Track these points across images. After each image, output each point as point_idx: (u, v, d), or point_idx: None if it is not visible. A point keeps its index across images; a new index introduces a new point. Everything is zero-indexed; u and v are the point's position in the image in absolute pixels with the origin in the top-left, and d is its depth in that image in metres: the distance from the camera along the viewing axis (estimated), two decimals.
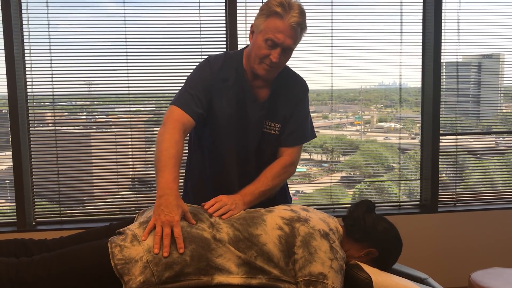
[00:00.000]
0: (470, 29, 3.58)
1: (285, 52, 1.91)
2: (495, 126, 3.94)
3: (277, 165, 2.04)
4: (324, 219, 1.83)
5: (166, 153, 1.80)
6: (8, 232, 3.18)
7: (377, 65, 3.55)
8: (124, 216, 3.36)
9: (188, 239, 1.64)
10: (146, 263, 1.59)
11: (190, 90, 1.98)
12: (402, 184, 3.81)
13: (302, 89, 2.14)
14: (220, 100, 2.01)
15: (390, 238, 1.87)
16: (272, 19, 1.86)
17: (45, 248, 1.81)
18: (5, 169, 3.45)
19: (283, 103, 2.07)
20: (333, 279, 1.65)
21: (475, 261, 3.57)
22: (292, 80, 2.12)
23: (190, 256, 1.62)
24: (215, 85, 2.00)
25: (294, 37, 1.89)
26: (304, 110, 2.13)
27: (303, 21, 1.89)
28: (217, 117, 2.02)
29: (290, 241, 1.70)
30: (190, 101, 1.95)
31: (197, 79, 2.02)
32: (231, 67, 2.03)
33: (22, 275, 1.57)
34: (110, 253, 1.59)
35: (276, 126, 2.07)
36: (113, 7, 3.30)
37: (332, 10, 3.42)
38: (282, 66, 1.99)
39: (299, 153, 2.14)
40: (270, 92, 2.05)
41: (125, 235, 1.65)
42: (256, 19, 1.93)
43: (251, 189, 1.94)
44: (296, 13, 1.85)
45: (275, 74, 2.01)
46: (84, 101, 3.52)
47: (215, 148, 2.09)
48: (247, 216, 1.80)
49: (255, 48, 1.93)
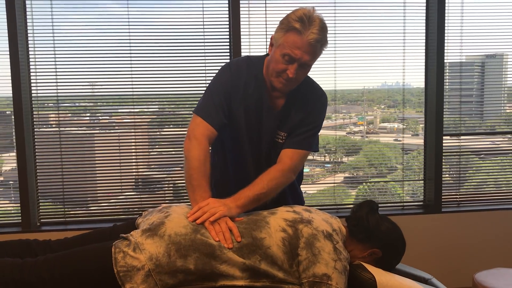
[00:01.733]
0: (473, 29, 3.57)
1: (302, 67, 1.90)
2: (499, 126, 3.93)
3: (274, 169, 1.98)
4: (327, 219, 1.82)
5: (198, 171, 1.88)
6: (13, 232, 3.19)
7: (380, 66, 3.54)
8: (127, 217, 3.37)
9: (192, 247, 1.63)
10: (148, 272, 1.58)
11: (213, 98, 2.00)
12: (406, 184, 3.81)
13: (317, 102, 2.09)
14: (238, 107, 2.01)
15: (394, 238, 1.87)
16: (290, 34, 1.84)
17: (49, 249, 1.82)
18: (10, 170, 3.46)
19: (295, 114, 2.05)
20: (337, 280, 1.65)
21: (479, 261, 3.57)
22: (310, 91, 2.08)
23: (194, 265, 1.61)
24: (234, 91, 2.01)
25: (312, 53, 1.87)
26: (314, 121, 2.07)
27: (323, 37, 1.86)
28: (234, 123, 2.03)
29: (294, 243, 1.70)
30: (213, 111, 1.97)
31: (219, 85, 2.02)
32: (251, 74, 2.02)
33: (26, 276, 1.58)
34: (113, 258, 1.59)
35: (282, 135, 2.06)
36: (117, 9, 3.31)
37: (335, 11, 3.42)
38: (300, 80, 1.97)
39: (300, 159, 2.05)
40: (285, 102, 2.04)
41: (128, 242, 1.65)
42: (276, 33, 1.92)
43: (246, 192, 1.88)
44: (315, 30, 1.82)
45: (293, 87, 1.99)
46: (88, 102, 3.53)
47: (235, 149, 2.10)
48: (249, 219, 1.78)
49: (273, 61, 1.92)
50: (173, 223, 1.70)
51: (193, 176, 1.88)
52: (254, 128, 2.05)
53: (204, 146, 1.92)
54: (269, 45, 1.98)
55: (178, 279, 1.60)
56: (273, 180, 1.94)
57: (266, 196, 1.91)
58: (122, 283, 1.57)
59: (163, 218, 1.74)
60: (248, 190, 1.88)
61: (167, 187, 3.62)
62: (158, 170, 3.60)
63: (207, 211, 1.75)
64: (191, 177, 1.88)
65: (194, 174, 1.88)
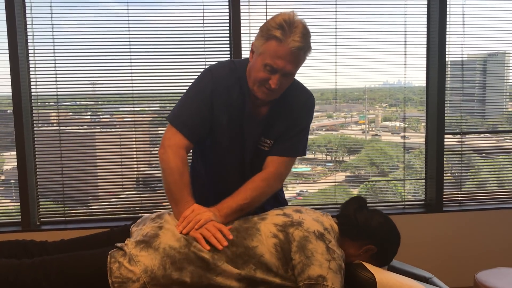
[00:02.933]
0: (475, 27, 3.56)
1: (285, 76, 1.80)
2: (501, 125, 3.91)
3: (258, 178, 1.90)
4: (318, 218, 1.79)
5: (177, 184, 1.82)
6: (12, 232, 3.19)
7: (381, 64, 3.52)
8: (128, 216, 3.37)
9: (187, 260, 1.62)
10: (143, 285, 1.58)
11: (190, 104, 1.91)
12: (407, 183, 3.79)
13: (303, 107, 1.99)
14: (220, 114, 1.92)
15: (386, 232, 1.85)
16: (271, 43, 1.73)
17: (45, 251, 1.81)
18: (10, 169, 3.46)
19: (281, 121, 1.96)
20: (332, 280, 1.64)
21: (480, 260, 3.55)
22: (295, 96, 1.97)
23: (190, 278, 1.60)
24: (216, 97, 1.90)
25: (296, 61, 1.77)
26: (300, 126, 1.99)
27: (306, 44, 1.75)
28: (216, 130, 1.95)
29: (286, 248, 1.68)
30: (189, 120, 1.88)
31: (198, 91, 1.92)
32: (235, 79, 1.92)
33: (21, 278, 1.58)
34: (108, 268, 1.59)
35: (269, 143, 1.98)
36: (116, 7, 3.30)
37: (336, 9, 3.41)
38: (283, 89, 1.86)
39: (286, 166, 1.97)
40: (269, 109, 1.95)
41: (124, 252, 1.64)
42: (256, 40, 1.81)
43: (229, 202, 1.82)
44: (297, 37, 1.71)
45: (277, 96, 1.89)
46: (88, 101, 3.52)
47: (216, 158, 2.02)
48: (240, 227, 1.76)
49: (254, 70, 1.81)
50: (167, 236, 1.68)
51: (173, 190, 1.83)
52: (238, 135, 1.95)
53: (181, 156, 1.85)
54: (250, 51, 1.87)
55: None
56: (257, 189, 1.88)
57: (249, 206, 1.86)
58: None
59: (157, 230, 1.71)
60: (231, 200, 1.83)
61: None
62: (159, 169, 3.58)
63: (192, 220, 1.72)
64: (171, 191, 1.83)
65: (174, 188, 1.82)
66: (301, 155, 2.03)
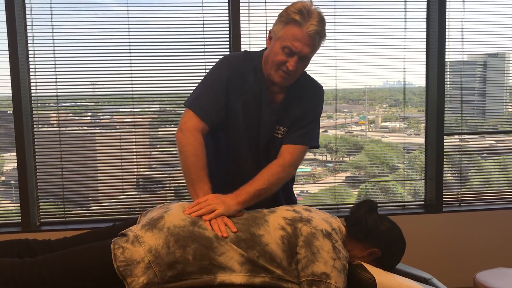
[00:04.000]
0: (474, 27, 3.56)
1: (302, 60, 1.89)
2: (501, 125, 3.91)
3: (275, 164, 1.97)
4: (327, 219, 1.82)
5: (196, 165, 1.89)
6: (13, 232, 3.19)
7: (381, 65, 3.53)
8: (128, 216, 3.37)
9: (191, 238, 1.65)
10: (148, 264, 1.59)
11: (209, 91, 1.97)
12: (407, 184, 3.79)
13: (316, 95, 2.10)
14: (236, 101, 1.99)
15: (393, 237, 1.86)
16: (290, 27, 1.84)
17: (48, 248, 1.82)
18: (10, 169, 3.46)
19: (295, 108, 2.04)
20: (336, 279, 1.65)
21: (480, 261, 3.55)
22: (308, 85, 2.08)
23: (193, 255, 1.62)
24: (232, 84, 1.98)
25: (312, 45, 1.87)
26: (313, 114, 2.07)
27: (322, 29, 1.86)
28: (232, 117, 2.01)
29: (293, 241, 1.70)
30: (206, 105, 1.95)
31: (215, 78, 2.00)
32: (250, 67, 2.01)
33: (25, 275, 1.58)
34: (113, 254, 1.60)
35: (283, 130, 2.05)
36: (116, 9, 3.30)
37: (335, 10, 3.41)
38: (299, 73, 1.96)
39: (301, 154, 2.05)
40: (284, 97, 2.03)
41: (127, 237, 1.66)
42: (275, 25, 1.90)
43: (246, 188, 1.88)
44: (315, 21, 1.82)
45: (292, 81, 1.98)
46: (88, 102, 3.52)
47: (232, 144, 2.07)
48: (249, 216, 1.79)
49: (272, 54, 1.90)
50: (172, 216, 1.72)
51: (191, 170, 1.89)
52: (253, 123, 2.03)
53: (198, 139, 1.92)
54: (267, 39, 1.97)
55: (177, 270, 1.61)
56: (274, 175, 1.94)
57: (267, 191, 1.92)
58: (123, 277, 1.58)
59: (162, 213, 1.76)
60: (249, 186, 1.89)
61: (168, 186, 3.61)
62: (159, 169, 3.60)
63: (204, 207, 1.76)
64: (189, 171, 1.90)
65: (192, 169, 1.89)
66: (314, 146, 2.10)
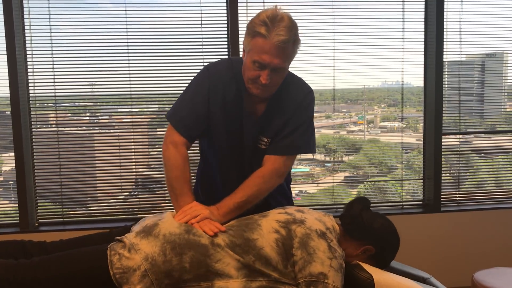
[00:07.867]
0: (472, 27, 3.56)
1: (276, 71, 1.80)
2: (499, 125, 3.92)
3: (255, 175, 1.92)
4: (320, 218, 1.81)
5: (178, 180, 1.89)
6: (11, 233, 3.18)
7: (379, 65, 3.53)
8: (126, 217, 3.36)
9: (187, 245, 1.64)
10: (144, 272, 1.59)
11: (187, 103, 1.95)
12: (405, 183, 3.79)
13: (300, 101, 1.97)
14: (217, 112, 1.95)
15: (387, 234, 1.86)
16: (256, 40, 1.76)
17: (44, 250, 1.81)
18: (8, 170, 3.46)
19: (277, 117, 1.96)
20: (333, 278, 1.65)
21: (478, 260, 3.55)
22: (292, 92, 1.97)
23: (189, 263, 1.61)
24: (213, 95, 1.94)
25: (283, 55, 1.77)
26: (298, 121, 1.96)
27: (291, 36, 1.75)
28: (214, 129, 1.98)
29: (288, 243, 1.70)
30: (186, 119, 1.94)
31: (196, 90, 1.97)
32: (232, 77, 1.95)
33: (20, 277, 1.57)
34: (109, 261, 1.60)
35: (266, 141, 1.99)
36: (115, 9, 3.30)
37: (333, 9, 3.41)
38: (277, 84, 1.87)
39: (284, 163, 1.95)
40: (266, 106, 1.96)
41: (123, 244, 1.65)
42: (244, 38, 1.84)
43: (226, 201, 1.86)
44: (282, 31, 1.72)
45: (272, 92, 1.90)
46: (86, 102, 3.52)
47: (218, 156, 2.05)
48: (240, 223, 1.78)
49: (246, 69, 1.85)
50: (167, 223, 1.72)
51: (174, 185, 1.89)
52: (235, 134, 1.98)
53: (182, 153, 1.91)
54: (242, 51, 1.90)
55: (174, 278, 1.60)
56: (253, 187, 1.90)
57: (247, 204, 1.88)
58: (119, 285, 1.58)
59: (156, 221, 1.75)
60: (229, 199, 1.87)
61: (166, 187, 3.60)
62: (158, 170, 3.60)
63: (189, 214, 1.77)
64: (172, 186, 1.90)
65: (175, 183, 1.89)
66: (304, 152, 2.03)
